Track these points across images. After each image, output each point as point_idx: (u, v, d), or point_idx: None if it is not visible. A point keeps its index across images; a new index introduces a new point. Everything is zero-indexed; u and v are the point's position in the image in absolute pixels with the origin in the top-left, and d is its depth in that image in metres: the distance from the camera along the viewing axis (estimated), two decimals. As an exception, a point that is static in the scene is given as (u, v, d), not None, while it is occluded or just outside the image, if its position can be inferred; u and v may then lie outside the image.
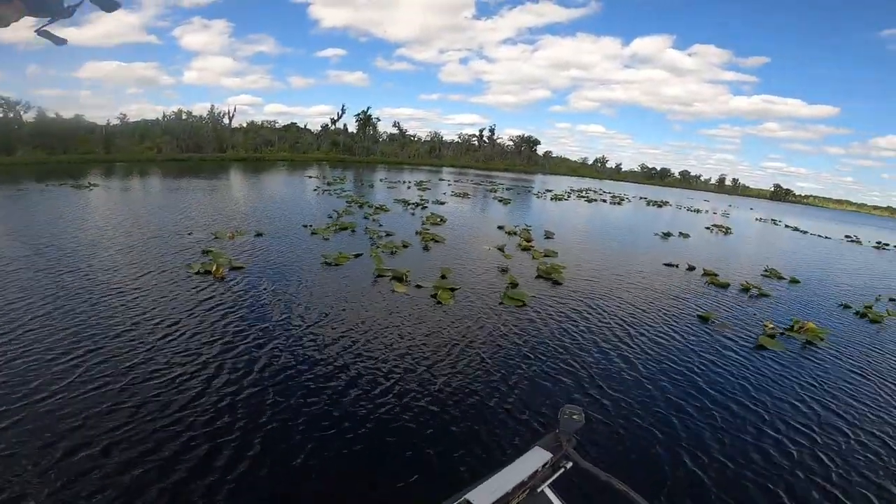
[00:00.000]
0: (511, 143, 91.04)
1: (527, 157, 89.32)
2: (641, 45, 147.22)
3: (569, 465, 1.57)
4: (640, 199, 45.21)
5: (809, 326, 8.47)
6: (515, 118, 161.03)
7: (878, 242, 30.20)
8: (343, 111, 67.96)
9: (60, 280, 7.53)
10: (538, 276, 10.49)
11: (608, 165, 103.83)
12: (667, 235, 20.43)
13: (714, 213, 39.04)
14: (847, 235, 32.34)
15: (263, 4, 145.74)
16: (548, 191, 41.21)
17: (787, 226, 35.91)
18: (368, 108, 69.65)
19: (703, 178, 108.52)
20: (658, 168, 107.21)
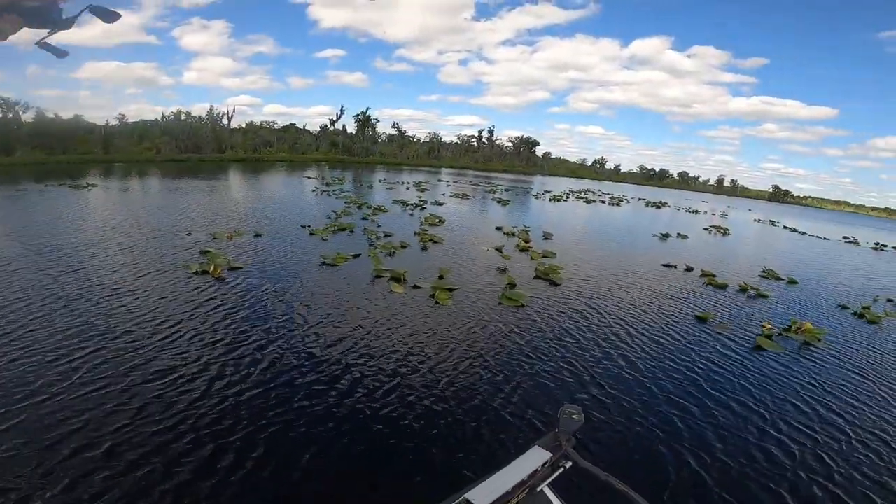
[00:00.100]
0: (510, 145, 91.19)
1: (526, 159, 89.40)
2: (640, 47, 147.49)
3: (568, 465, 1.57)
4: (639, 200, 45.24)
5: (807, 327, 8.49)
6: (514, 119, 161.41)
7: (876, 243, 30.25)
8: (342, 112, 68.04)
9: (60, 280, 7.52)
10: (536, 277, 10.50)
11: (607, 166, 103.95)
12: (665, 236, 20.46)
13: (712, 214, 39.08)
14: (845, 236, 32.39)
15: (262, 5, 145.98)
16: (546, 192, 41.25)
17: (786, 227, 35.97)
18: (367, 109, 69.81)
19: (702, 179, 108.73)
20: (657, 169, 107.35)
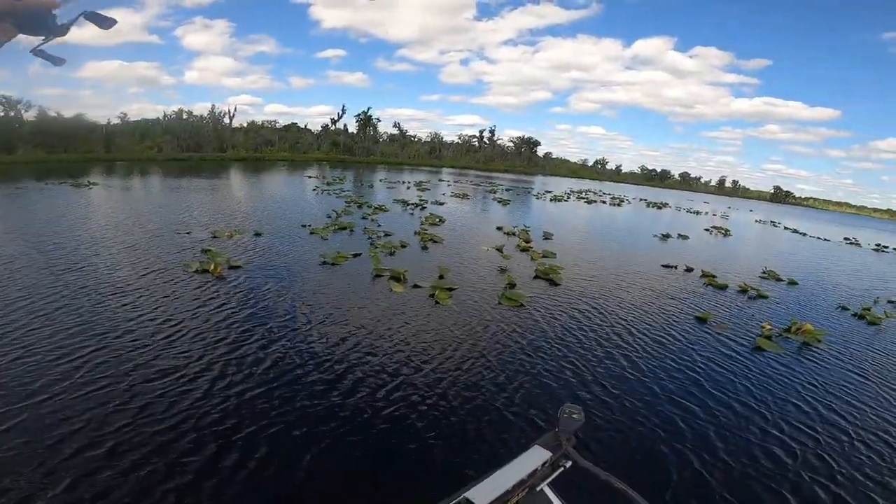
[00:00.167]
0: (511, 145, 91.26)
1: (527, 159, 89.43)
2: (642, 47, 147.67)
3: (568, 465, 1.57)
4: (640, 201, 45.23)
5: (807, 328, 8.47)
6: (516, 119, 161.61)
7: (878, 245, 30.22)
8: (343, 111, 68.18)
9: (62, 278, 7.53)
10: (536, 277, 10.50)
11: (608, 167, 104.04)
12: (666, 237, 20.44)
13: (713, 215, 39.06)
14: (846, 238, 32.35)
15: (264, 5, 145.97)
16: (547, 192, 41.25)
17: (787, 228, 35.93)
18: (369, 109, 69.96)
19: (704, 180, 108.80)
20: (658, 170, 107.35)
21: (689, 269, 13.27)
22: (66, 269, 8.02)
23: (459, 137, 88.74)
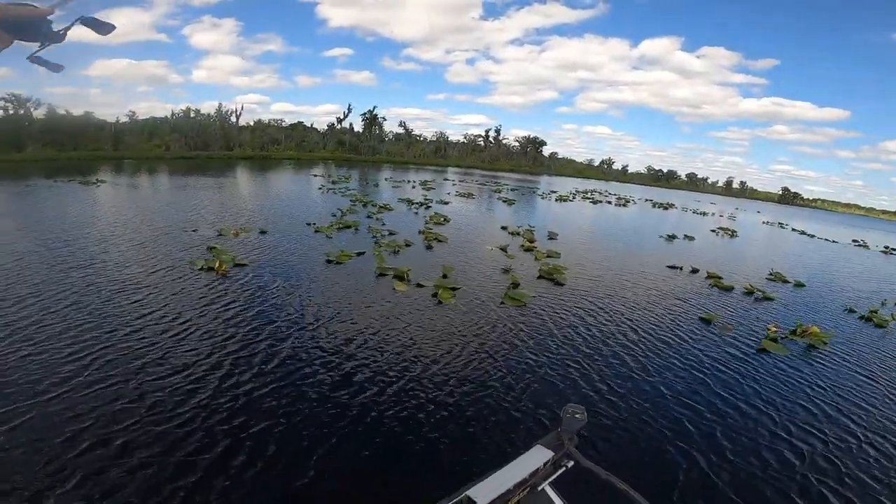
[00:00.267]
0: (517, 144, 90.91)
1: (532, 158, 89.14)
2: (650, 47, 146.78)
3: (570, 464, 1.57)
4: (646, 201, 44.99)
5: (813, 330, 8.41)
6: (522, 119, 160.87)
7: (886, 247, 29.91)
8: (349, 110, 68.25)
9: (71, 275, 7.62)
10: (540, 277, 10.49)
11: (614, 167, 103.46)
12: (671, 238, 20.34)
13: (720, 216, 38.81)
14: (854, 240, 32.05)
15: (271, 4, 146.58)
16: (553, 192, 41.11)
17: (794, 229, 35.62)
18: (374, 108, 69.85)
19: (711, 181, 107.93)
20: (665, 170, 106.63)
21: (695, 271, 13.21)
22: (75, 267, 8.12)
23: (465, 137, 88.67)
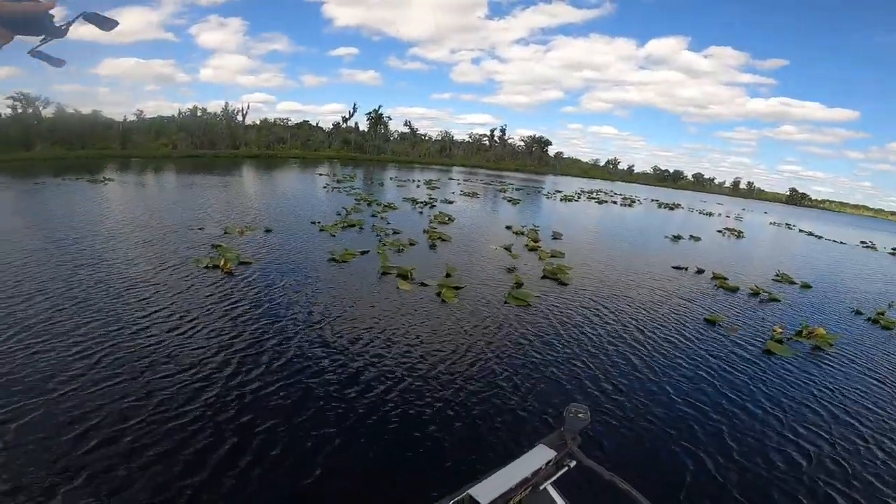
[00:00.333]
0: (522, 144, 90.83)
1: (538, 158, 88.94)
2: (656, 47, 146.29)
3: (573, 464, 1.57)
4: (652, 202, 44.75)
5: (819, 332, 8.35)
6: (527, 118, 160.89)
7: (894, 248, 29.56)
8: (354, 109, 68.40)
9: (79, 273, 7.70)
10: (544, 277, 10.48)
11: (620, 167, 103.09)
12: (677, 238, 20.23)
13: (727, 217, 38.54)
14: (862, 241, 31.71)
15: (277, 3, 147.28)
16: (558, 191, 41.00)
17: (802, 230, 35.33)
18: (380, 107, 69.98)
19: (717, 181, 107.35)
20: (671, 170, 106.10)
21: (700, 271, 13.13)
22: (84, 264, 8.20)
23: (470, 136, 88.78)
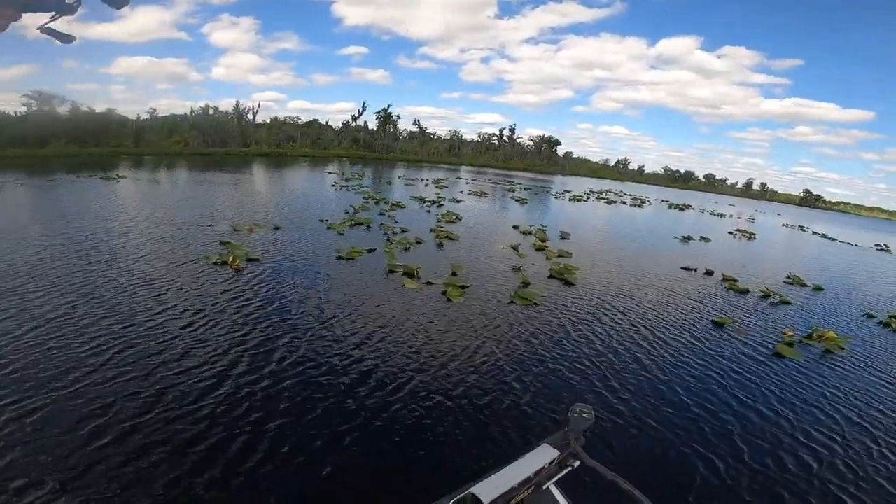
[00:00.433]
0: (531, 143, 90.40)
1: (547, 158, 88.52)
2: (668, 46, 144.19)
3: (576, 464, 1.56)
4: (662, 202, 44.35)
5: (829, 335, 8.23)
6: (536, 118, 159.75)
7: (911, 252, 29.00)
8: (364, 108, 68.64)
9: (93, 269, 7.84)
10: (551, 276, 10.44)
11: (630, 167, 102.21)
12: (687, 239, 20.04)
13: (738, 218, 38.08)
14: (877, 244, 31.14)
15: (288, 2, 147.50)
16: (566, 191, 40.78)
17: (815, 232, 34.79)
18: (389, 106, 70.07)
19: (729, 182, 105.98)
20: (682, 171, 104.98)
21: (710, 273, 12.99)
22: (97, 260, 8.34)
23: (479, 136, 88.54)
